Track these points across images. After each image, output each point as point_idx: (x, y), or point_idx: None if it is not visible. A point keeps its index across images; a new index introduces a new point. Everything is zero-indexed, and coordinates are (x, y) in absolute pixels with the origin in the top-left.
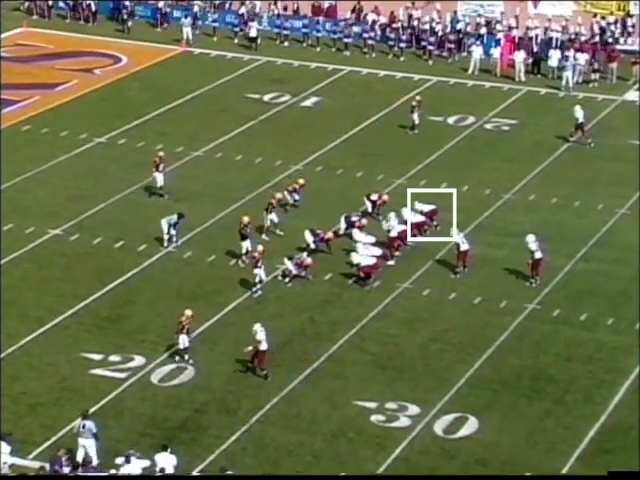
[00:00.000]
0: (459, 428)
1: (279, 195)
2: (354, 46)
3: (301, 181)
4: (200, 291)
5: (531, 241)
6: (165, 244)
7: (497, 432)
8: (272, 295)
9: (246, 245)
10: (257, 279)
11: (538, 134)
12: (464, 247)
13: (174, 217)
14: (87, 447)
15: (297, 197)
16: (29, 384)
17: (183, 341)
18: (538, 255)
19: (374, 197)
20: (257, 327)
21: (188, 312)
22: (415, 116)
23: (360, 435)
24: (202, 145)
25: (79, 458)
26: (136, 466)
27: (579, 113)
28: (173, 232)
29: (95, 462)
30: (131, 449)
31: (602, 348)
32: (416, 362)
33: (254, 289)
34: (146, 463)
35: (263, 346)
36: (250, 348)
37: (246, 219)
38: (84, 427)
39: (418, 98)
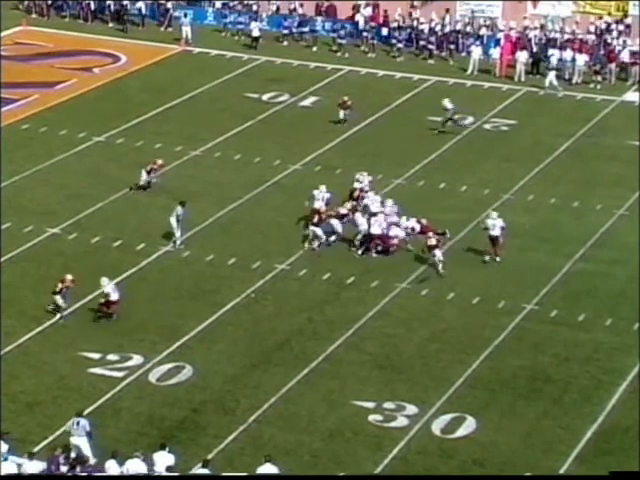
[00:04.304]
0: (457, 428)
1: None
2: (354, 46)
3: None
4: (198, 290)
5: (492, 217)
6: (176, 238)
7: (495, 432)
8: (270, 295)
9: (314, 230)
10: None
11: (537, 134)
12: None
13: (178, 209)
14: (80, 445)
15: None
16: (27, 383)
17: (58, 301)
18: (495, 233)
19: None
20: (104, 281)
21: (69, 277)
22: (342, 113)
23: (358, 435)
24: (201, 144)
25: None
26: (138, 467)
27: (448, 105)
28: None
29: (92, 461)
30: (136, 451)
31: (600, 349)
32: (414, 362)
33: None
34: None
35: (113, 297)
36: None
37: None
38: (78, 425)
39: (345, 98)
